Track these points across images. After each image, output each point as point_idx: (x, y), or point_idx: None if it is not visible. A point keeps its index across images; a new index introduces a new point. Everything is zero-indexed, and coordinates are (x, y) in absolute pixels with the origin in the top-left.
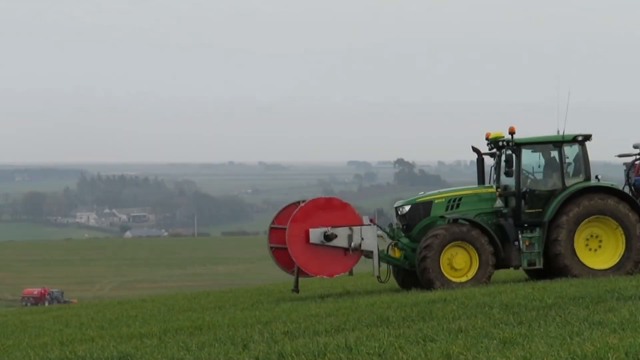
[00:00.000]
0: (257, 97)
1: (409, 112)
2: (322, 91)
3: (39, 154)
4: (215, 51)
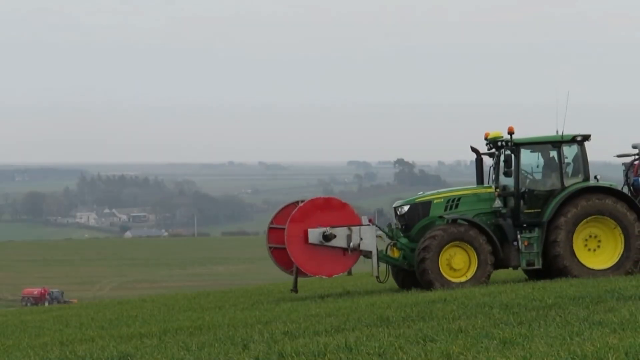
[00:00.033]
0: (257, 97)
1: (409, 112)
2: (322, 91)
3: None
4: (215, 51)
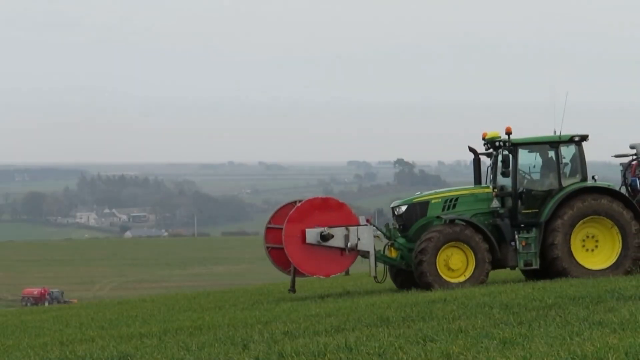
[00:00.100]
0: (257, 97)
1: (409, 112)
2: (322, 91)
3: (39, 154)
4: (215, 51)
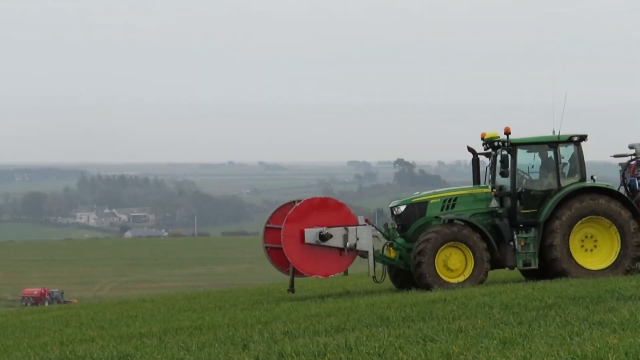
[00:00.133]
0: (257, 97)
1: (409, 112)
2: (322, 91)
3: (39, 154)
4: (215, 51)
